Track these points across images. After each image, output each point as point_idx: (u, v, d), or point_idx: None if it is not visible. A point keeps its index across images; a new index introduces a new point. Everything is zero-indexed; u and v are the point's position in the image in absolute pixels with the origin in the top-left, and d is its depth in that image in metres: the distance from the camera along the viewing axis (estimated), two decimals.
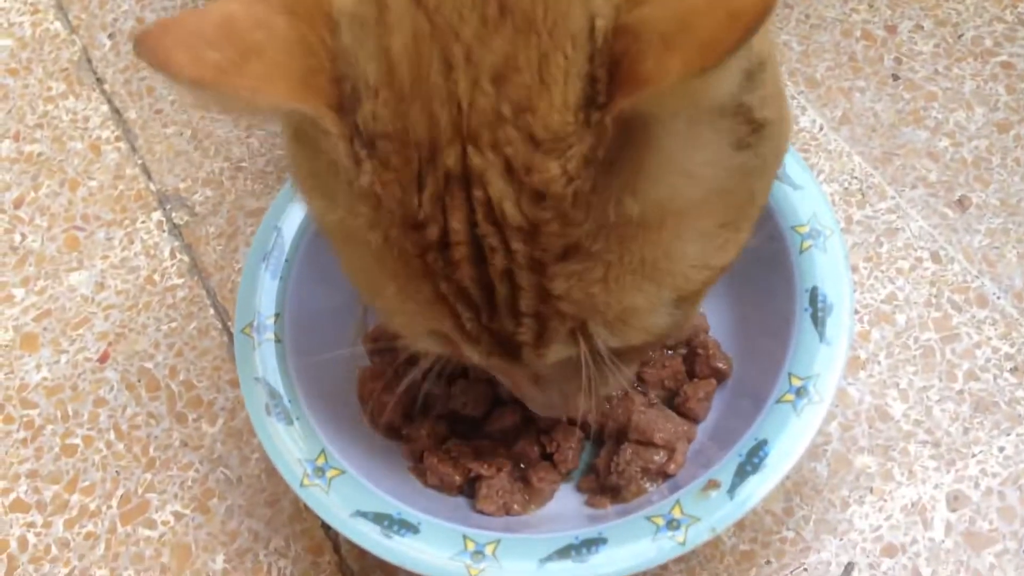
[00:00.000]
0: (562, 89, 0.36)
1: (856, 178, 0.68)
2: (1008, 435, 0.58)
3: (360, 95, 0.38)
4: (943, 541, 0.55)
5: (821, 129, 0.71)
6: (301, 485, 0.53)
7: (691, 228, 0.41)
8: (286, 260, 0.60)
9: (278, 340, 0.58)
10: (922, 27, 0.74)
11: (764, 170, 0.44)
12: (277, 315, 0.58)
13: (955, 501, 0.57)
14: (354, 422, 0.59)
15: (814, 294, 0.55)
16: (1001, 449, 0.58)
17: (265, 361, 0.57)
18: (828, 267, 0.56)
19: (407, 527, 0.51)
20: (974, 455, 0.58)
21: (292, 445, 0.54)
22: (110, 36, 0.82)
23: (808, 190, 0.58)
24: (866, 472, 0.58)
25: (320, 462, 0.54)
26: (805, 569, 0.56)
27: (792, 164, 0.58)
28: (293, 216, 0.62)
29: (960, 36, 0.73)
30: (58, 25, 0.83)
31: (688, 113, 0.38)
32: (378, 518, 0.52)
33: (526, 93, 0.36)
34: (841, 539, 0.56)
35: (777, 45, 0.74)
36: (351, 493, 0.52)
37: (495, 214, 0.38)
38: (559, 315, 0.40)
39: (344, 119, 0.39)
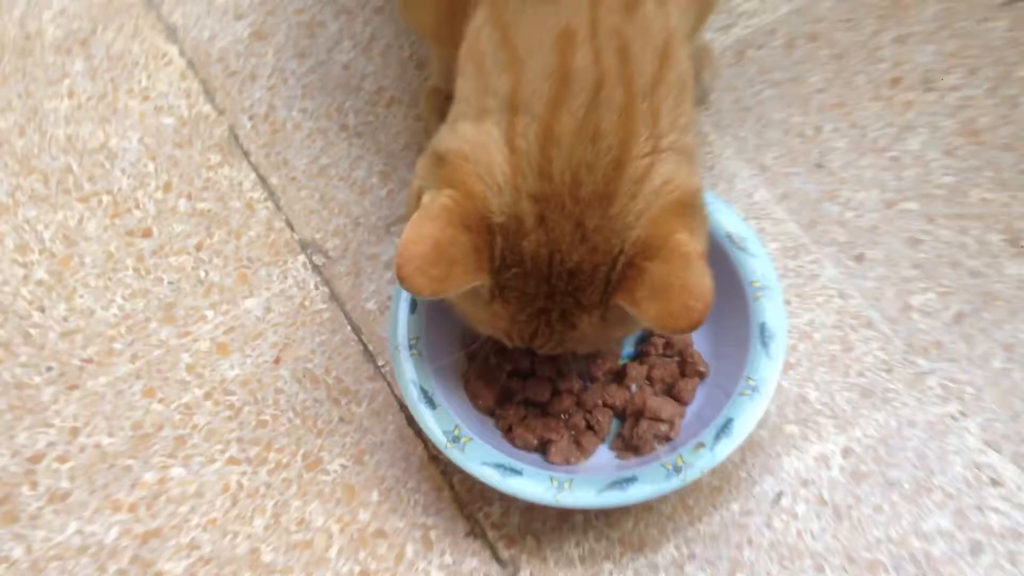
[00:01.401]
0: (595, 284, 0.72)
1: (791, 238, 1.01)
2: (880, 411, 0.92)
3: (504, 267, 0.72)
4: (838, 477, 0.89)
5: (768, 203, 1.03)
6: (445, 447, 0.84)
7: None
8: (419, 304, 0.91)
9: (419, 354, 0.89)
10: (839, 129, 1.06)
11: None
12: (416, 338, 0.89)
13: (847, 453, 0.90)
14: (465, 404, 0.90)
15: (763, 327, 0.87)
16: (876, 420, 0.91)
17: (414, 368, 0.88)
18: (772, 309, 0.88)
19: (515, 472, 0.83)
20: (859, 425, 0.91)
21: (436, 423, 0.85)
22: (250, 118, 1.11)
23: (760, 258, 0.90)
24: (792, 435, 0.91)
25: (456, 432, 0.85)
26: (753, 496, 0.89)
27: (751, 239, 0.90)
28: None
29: (865, 136, 1.06)
30: (208, 108, 1.12)
31: None
32: (497, 466, 0.83)
33: (584, 285, 0.71)
34: (775, 477, 0.89)
35: (739, 138, 1.06)
36: (478, 452, 0.84)
37: (558, 329, 0.75)
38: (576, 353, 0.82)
39: (492, 280, 0.73)
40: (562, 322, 0.74)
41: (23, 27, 1.17)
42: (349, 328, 1.00)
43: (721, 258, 0.88)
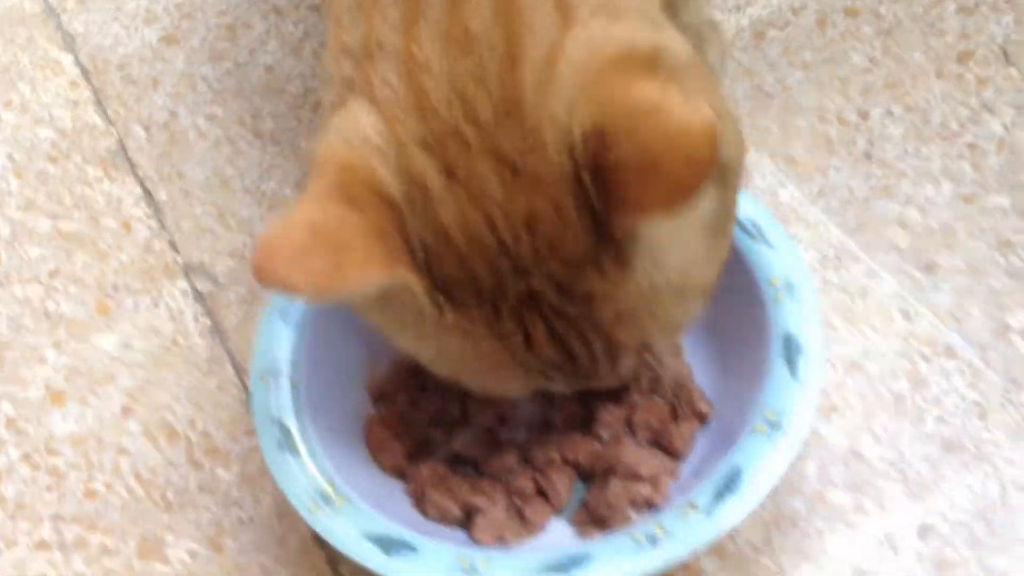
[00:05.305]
0: (575, 224, 0.46)
1: (832, 245, 0.74)
2: (973, 471, 0.62)
3: (431, 259, 0.47)
4: (914, 567, 0.58)
5: (799, 202, 0.76)
6: (310, 512, 0.56)
7: (699, 259, 0.51)
8: (303, 312, 0.65)
9: (294, 385, 0.62)
10: (892, 113, 0.80)
11: (727, 185, 0.50)
12: (293, 362, 0.63)
13: (925, 532, 0.60)
14: (363, 461, 0.63)
15: (787, 339, 0.60)
16: (968, 485, 0.61)
17: (281, 403, 0.61)
18: (800, 314, 0.60)
19: (407, 547, 0.55)
20: (942, 491, 0.61)
21: (303, 477, 0.58)
22: (145, 128, 0.89)
23: (780, 249, 0.63)
24: (841, 507, 0.61)
25: (328, 491, 0.57)
26: None
27: (767, 223, 0.64)
28: None
29: (928, 121, 0.80)
30: (96, 118, 0.91)
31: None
32: (380, 541, 0.55)
33: (557, 233, 0.46)
34: (816, 565, 0.59)
35: (759, 128, 0.81)
36: (356, 519, 0.56)
37: (564, 314, 0.48)
38: (626, 350, 0.51)
39: (423, 279, 0.48)
40: (568, 300, 0.48)
41: None
42: (231, 369, 0.74)
43: None
